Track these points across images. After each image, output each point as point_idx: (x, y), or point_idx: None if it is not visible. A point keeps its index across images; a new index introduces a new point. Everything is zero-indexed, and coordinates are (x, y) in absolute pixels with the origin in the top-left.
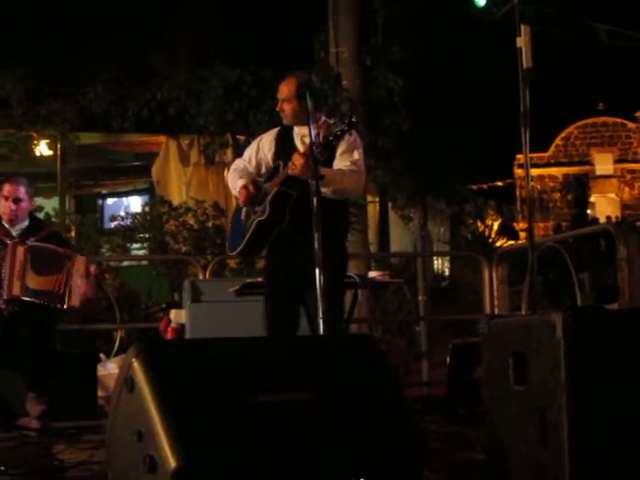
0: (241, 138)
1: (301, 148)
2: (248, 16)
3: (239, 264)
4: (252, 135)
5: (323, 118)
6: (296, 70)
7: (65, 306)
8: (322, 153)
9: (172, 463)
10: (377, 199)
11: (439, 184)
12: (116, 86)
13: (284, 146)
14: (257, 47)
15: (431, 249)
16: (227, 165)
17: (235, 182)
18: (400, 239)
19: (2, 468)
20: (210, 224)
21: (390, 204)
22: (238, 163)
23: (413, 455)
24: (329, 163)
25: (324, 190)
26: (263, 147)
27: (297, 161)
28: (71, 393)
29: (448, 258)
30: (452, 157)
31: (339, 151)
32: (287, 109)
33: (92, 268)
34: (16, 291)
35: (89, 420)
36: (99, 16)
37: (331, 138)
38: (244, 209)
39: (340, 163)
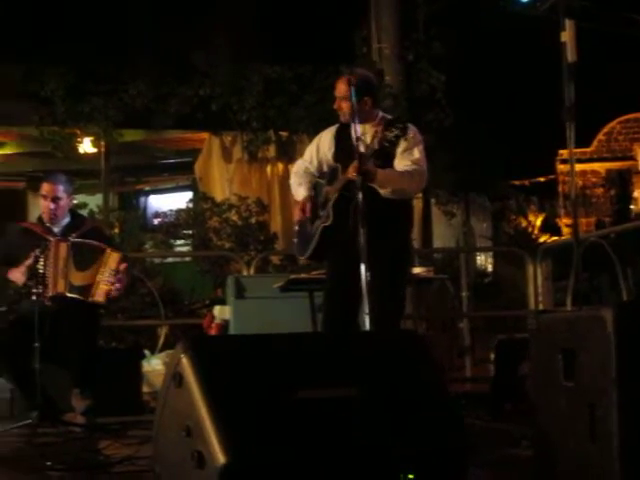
0: (283, 134)
1: (360, 147)
2: (289, 12)
3: (282, 260)
4: (294, 131)
5: (380, 114)
6: (356, 68)
7: (90, 300)
8: (378, 157)
9: (221, 459)
10: (420, 195)
11: (481, 180)
12: (158, 83)
13: (343, 145)
14: (298, 43)
15: (474, 245)
16: (270, 161)
17: (296, 190)
18: (443, 235)
19: (48, 463)
20: (253, 220)
21: (433, 200)
22: (299, 165)
23: (459, 451)
24: (389, 163)
25: (383, 191)
26: (323, 147)
27: (355, 166)
28: (116, 389)
29: (491, 254)
30: (494, 153)
31: (399, 150)
32: (345, 107)
33: (122, 266)
34: (60, 288)
35: (134, 416)
36: (141, 13)
37: (386, 144)
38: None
39: (400, 163)
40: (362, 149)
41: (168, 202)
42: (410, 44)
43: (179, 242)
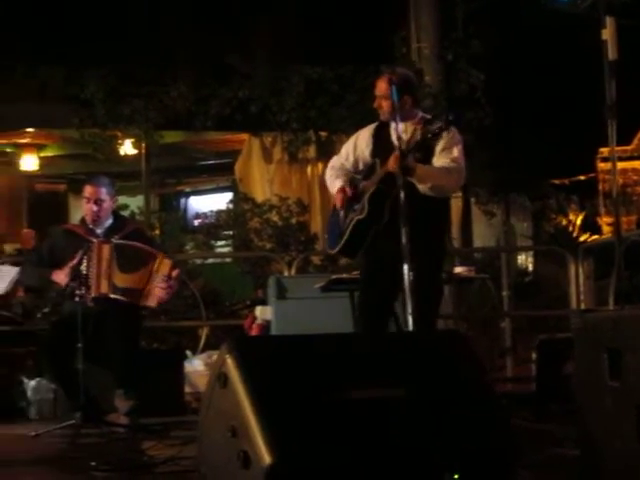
0: (323, 134)
1: (400, 145)
2: (328, 13)
3: (323, 261)
4: (334, 131)
5: (420, 114)
6: (396, 67)
7: (141, 304)
8: (419, 150)
9: (266, 459)
10: (460, 194)
11: (521, 179)
12: (198, 85)
13: (381, 143)
14: (337, 44)
15: (515, 244)
16: (310, 162)
17: (332, 182)
18: (483, 234)
19: (93, 464)
20: (294, 221)
21: (473, 200)
22: (335, 161)
23: (506, 452)
24: (427, 159)
25: (421, 187)
26: (360, 144)
27: (395, 159)
28: (158, 390)
29: (531, 253)
30: (534, 152)
31: (438, 148)
32: (385, 106)
33: (175, 273)
34: (104, 289)
35: (176, 416)
36: (180, 15)
37: (429, 136)
38: (341, 209)
39: (439, 160)
40: (402, 147)
41: (208, 203)
42: (449, 43)
43: (220, 243)
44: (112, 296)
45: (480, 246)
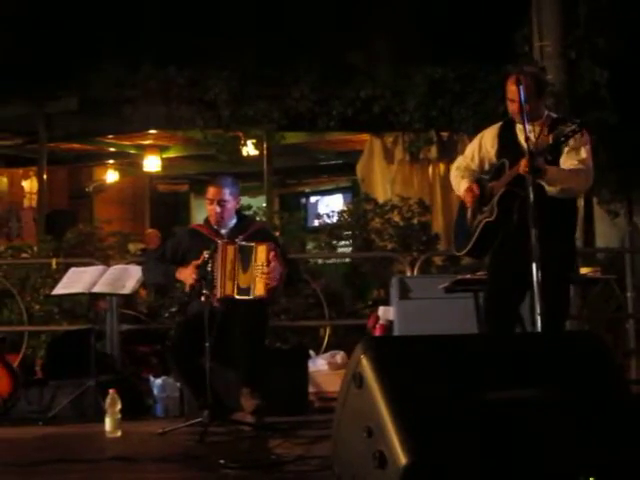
0: (445, 134)
1: (525, 144)
2: (449, 12)
3: (445, 261)
4: (456, 132)
5: (546, 112)
6: (525, 65)
7: (251, 297)
8: (550, 153)
9: (403, 459)
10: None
11: None
12: (321, 86)
13: (507, 143)
14: (459, 43)
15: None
16: (431, 162)
17: (458, 182)
18: (605, 234)
19: (222, 462)
20: (415, 221)
21: (595, 199)
22: (460, 161)
23: None
24: (556, 160)
25: (550, 189)
26: (485, 144)
27: (526, 161)
28: (282, 389)
29: None
30: None
31: (566, 148)
32: (516, 108)
33: (272, 255)
34: (229, 291)
35: (300, 416)
36: (301, 15)
37: (562, 139)
38: (469, 208)
39: (567, 161)
40: (532, 148)
41: (329, 203)
42: (572, 41)
43: (341, 243)
44: (237, 297)
45: (602, 246)
